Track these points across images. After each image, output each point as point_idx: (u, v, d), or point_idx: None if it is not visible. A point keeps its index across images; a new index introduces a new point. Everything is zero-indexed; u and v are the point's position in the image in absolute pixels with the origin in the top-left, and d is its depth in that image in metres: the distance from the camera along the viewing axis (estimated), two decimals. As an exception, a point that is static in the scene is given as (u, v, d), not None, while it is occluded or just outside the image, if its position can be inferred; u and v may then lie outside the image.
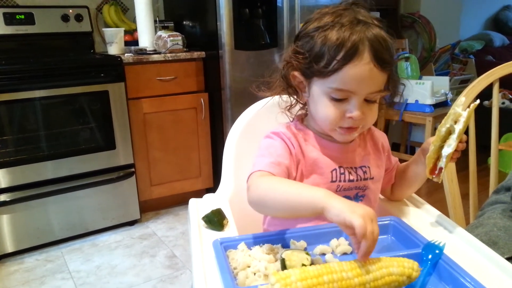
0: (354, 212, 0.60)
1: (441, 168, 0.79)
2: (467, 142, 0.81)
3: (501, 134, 1.34)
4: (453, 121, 0.78)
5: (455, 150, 0.79)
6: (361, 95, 0.77)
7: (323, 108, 0.80)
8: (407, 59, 3.06)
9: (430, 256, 0.69)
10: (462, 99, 0.80)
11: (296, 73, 0.83)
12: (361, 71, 0.74)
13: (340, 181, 0.85)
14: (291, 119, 0.91)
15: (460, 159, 0.84)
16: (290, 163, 0.82)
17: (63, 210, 2.25)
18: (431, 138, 0.82)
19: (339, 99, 0.78)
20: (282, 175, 0.79)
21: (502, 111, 1.33)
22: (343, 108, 0.78)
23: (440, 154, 0.80)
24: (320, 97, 0.80)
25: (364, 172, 0.88)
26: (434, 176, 0.81)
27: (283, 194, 0.72)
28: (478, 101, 0.80)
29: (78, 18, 2.62)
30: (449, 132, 0.79)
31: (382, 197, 1.01)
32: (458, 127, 0.77)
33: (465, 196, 1.25)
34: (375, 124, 0.90)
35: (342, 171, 0.85)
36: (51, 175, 2.19)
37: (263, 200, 0.75)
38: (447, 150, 0.78)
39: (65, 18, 2.59)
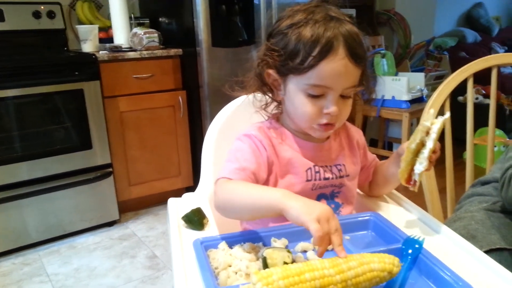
0: (310, 214, 0.62)
1: (415, 180, 0.79)
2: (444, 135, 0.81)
3: (475, 128, 1.37)
4: (423, 133, 0.77)
5: (429, 161, 0.78)
6: (337, 90, 0.77)
7: (300, 105, 0.80)
8: (383, 55, 3.10)
9: (410, 251, 0.69)
10: (430, 111, 0.79)
11: (271, 71, 0.82)
12: (336, 67, 0.75)
13: (315, 179, 0.85)
14: (266, 118, 0.90)
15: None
16: (257, 167, 0.81)
17: (40, 212, 2.20)
18: (406, 143, 0.81)
19: (316, 96, 0.78)
20: (247, 181, 0.79)
21: (476, 106, 1.36)
22: (320, 105, 0.79)
23: (413, 166, 0.79)
24: (296, 94, 0.80)
25: (339, 170, 0.88)
26: (409, 185, 0.80)
27: (244, 197, 0.74)
28: (448, 114, 0.79)
29: (50, 14, 2.56)
30: (422, 144, 0.78)
31: (361, 192, 1.01)
32: (429, 146, 0.76)
33: (442, 190, 1.27)
34: (353, 121, 0.90)
35: (317, 169, 0.85)
36: (26, 176, 2.14)
37: (227, 205, 0.77)
38: (419, 167, 0.77)
39: (37, 14, 2.51)
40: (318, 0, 0.81)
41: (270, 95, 0.87)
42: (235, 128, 0.99)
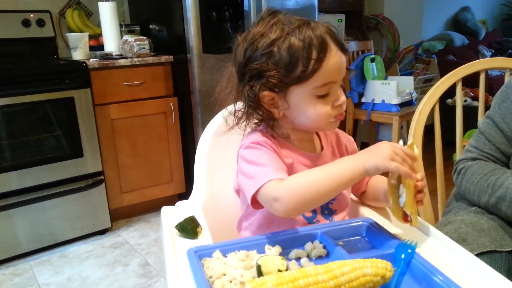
0: (384, 160, 0.71)
1: (408, 215, 0.77)
2: (435, 139, 0.81)
3: (464, 130, 1.39)
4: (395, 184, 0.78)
5: (418, 192, 0.77)
6: (339, 81, 0.81)
7: (313, 110, 0.80)
8: (372, 60, 3.13)
9: (403, 256, 0.70)
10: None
11: (266, 93, 0.80)
12: (336, 60, 0.78)
13: None
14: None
15: (427, 156, 0.86)
16: (284, 166, 0.81)
17: (30, 221, 2.18)
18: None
19: (324, 95, 0.80)
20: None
21: (465, 108, 1.38)
22: (329, 100, 0.80)
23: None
24: (305, 102, 0.80)
25: None
26: (408, 223, 0.78)
27: (325, 181, 0.73)
28: (411, 140, 0.80)
29: (40, 23, 2.55)
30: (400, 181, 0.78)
31: (355, 198, 1.02)
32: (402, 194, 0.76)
33: (432, 192, 1.28)
34: (345, 123, 0.90)
35: None
36: (16, 185, 2.12)
37: (307, 198, 0.74)
38: (402, 200, 0.77)
39: (26, 23, 2.50)
40: (270, 14, 0.81)
41: (265, 116, 0.84)
42: (229, 135, 0.99)
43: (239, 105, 0.87)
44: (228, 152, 0.98)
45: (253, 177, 0.78)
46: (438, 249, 0.77)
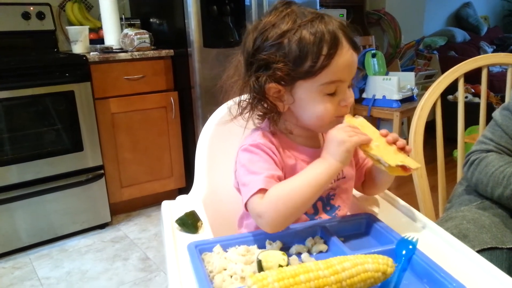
0: (345, 142, 0.74)
1: (404, 166, 0.76)
2: (436, 135, 0.80)
3: (465, 127, 1.38)
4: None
5: (394, 143, 0.78)
6: (348, 81, 0.79)
7: (318, 107, 0.78)
8: (373, 55, 3.12)
9: (404, 252, 0.70)
10: None
11: (272, 85, 0.78)
12: (346, 58, 0.76)
13: None
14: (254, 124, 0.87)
15: (428, 152, 0.85)
16: (278, 171, 0.80)
17: (30, 215, 2.18)
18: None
19: (331, 93, 0.78)
20: None
21: (465, 105, 1.38)
22: (336, 100, 0.79)
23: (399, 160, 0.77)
24: (311, 98, 0.78)
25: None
26: (409, 170, 0.76)
27: (305, 189, 0.73)
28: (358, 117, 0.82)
29: (40, 16, 2.54)
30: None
31: (356, 194, 1.01)
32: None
33: (433, 188, 1.28)
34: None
35: None
36: (16, 179, 2.12)
37: (289, 210, 0.73)
38: (382, 161, 0.76)
39: (26, 16, 2.49)
40: (283, 5, 0.79)
41: (269, 108, 0.83)
42: (230, 129, 0.98)
43: (245, 95, 0.85)
44: (229, 146, 0.97)
45: (245, 184, 0.78)
46: (439, 245, 0.76)
